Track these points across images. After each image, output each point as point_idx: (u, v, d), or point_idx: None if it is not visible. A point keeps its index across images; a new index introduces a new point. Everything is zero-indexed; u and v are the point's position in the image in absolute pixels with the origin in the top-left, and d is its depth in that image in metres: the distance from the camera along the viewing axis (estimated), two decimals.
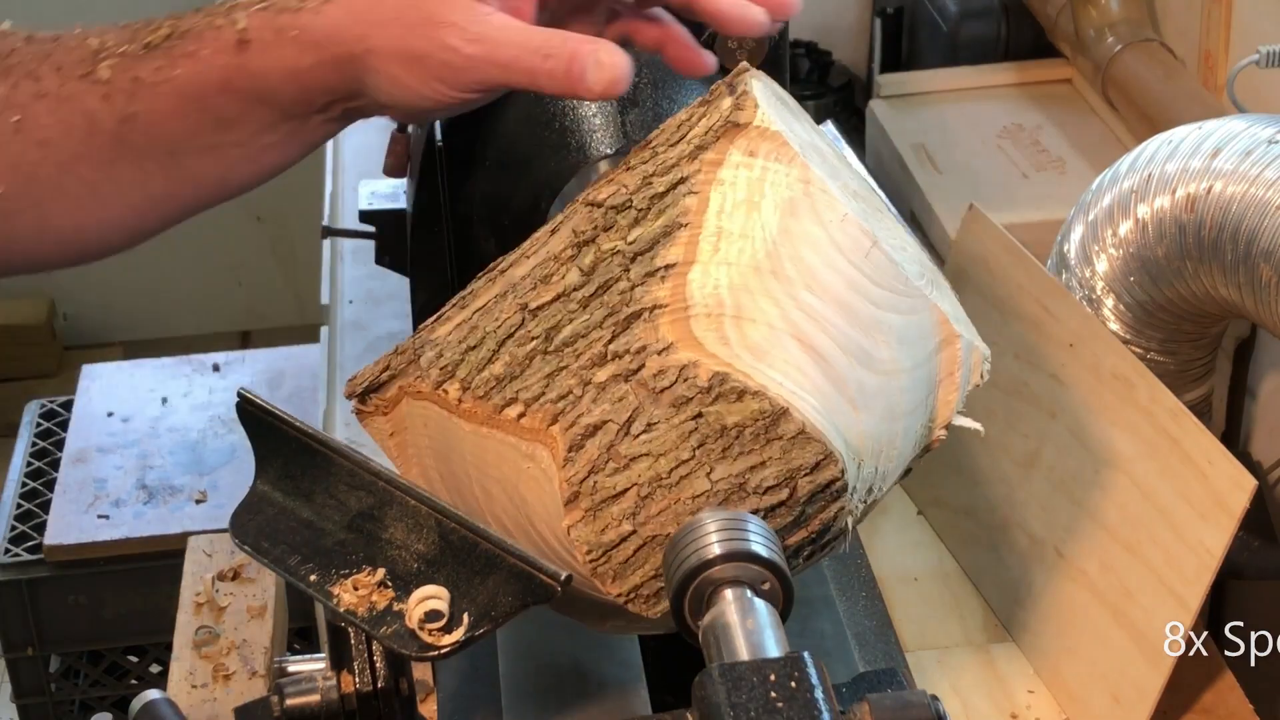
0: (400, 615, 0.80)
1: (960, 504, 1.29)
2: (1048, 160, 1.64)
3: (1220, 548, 1.06)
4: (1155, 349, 1.25)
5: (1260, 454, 1.42)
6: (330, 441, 0.86)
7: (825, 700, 0.72)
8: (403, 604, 0.80)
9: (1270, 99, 1.39)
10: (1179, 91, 1.54)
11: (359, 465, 0.85)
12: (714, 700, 0.72)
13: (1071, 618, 1.17)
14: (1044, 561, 1.19)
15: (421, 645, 0.79)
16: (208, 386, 2.30)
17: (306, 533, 0.85)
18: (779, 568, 0.79)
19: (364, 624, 0.80)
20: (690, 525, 0.81)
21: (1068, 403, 1.18)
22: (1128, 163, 1.24)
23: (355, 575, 0.81)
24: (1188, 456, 1.09)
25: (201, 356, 2.36)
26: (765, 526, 0.81)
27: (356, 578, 0.81)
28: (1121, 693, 1.12)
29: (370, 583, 0.81)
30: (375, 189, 1.39)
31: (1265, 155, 1.14)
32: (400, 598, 0.80)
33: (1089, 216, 1.25)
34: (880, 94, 1.78)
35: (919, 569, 1.29)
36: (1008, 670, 1.20)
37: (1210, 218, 1.16)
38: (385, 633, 0.80)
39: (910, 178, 1.62)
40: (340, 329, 1.62)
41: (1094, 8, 1.64)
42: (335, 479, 0.85)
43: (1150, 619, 1.10)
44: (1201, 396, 1.29)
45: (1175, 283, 1.21)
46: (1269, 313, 1.14)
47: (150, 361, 2.37)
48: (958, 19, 1.80)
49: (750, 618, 0.77)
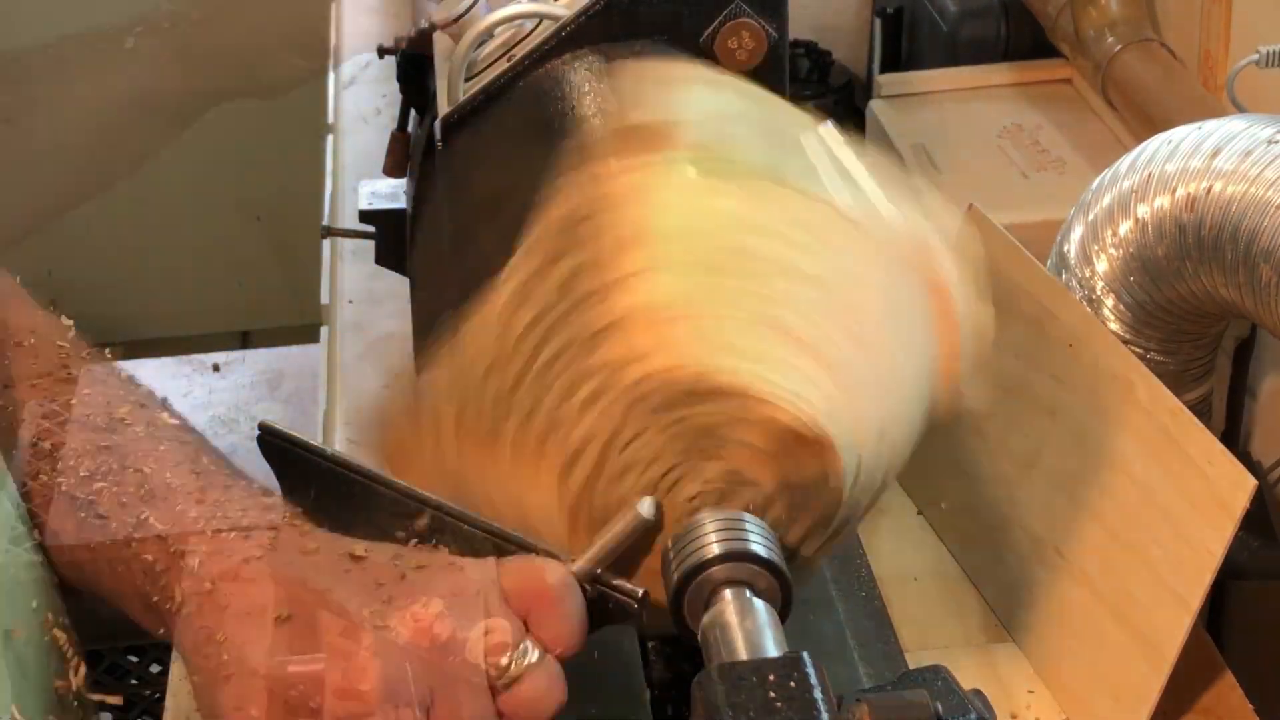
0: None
1: (960, 504, 1.29)
2: (1048, 160, 1.64)
3: (1220, 547, 1.06)
4: (1155, 349, 1.25)
5: (1260, 454, 1.42)
6: (368, 470, 0.84)
7: (824, 700, 0.72)
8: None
9: (1270, 99, 1.38)
10: (1179, 91, 1.54)
11: (404, 494, 0.83)
12: (713, 700, 0.72)
13: (1071, 618, 1.17)
14: (1044, 561, 1.19)
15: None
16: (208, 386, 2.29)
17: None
18: (778, 567, 0.79)
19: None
20: (689, 525, 0.81)
21: (1068, 403, 1.18)
22: (1128, 163, 1.24)
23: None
24: (1188, 456, 1.09)
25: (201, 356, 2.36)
26: (764, 526, 0.81)
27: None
28: (1121, 693, 1.12)
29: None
30: (375, 189, 1.39)
31: (1265, 155, 1.14)
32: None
33: (1089, 216, 1.25)
34: (880, 94, 1.78)
35: (919, 569, 1.29)
36: (1008, 670, 1.20)
37: (1210, 218, 1.16)
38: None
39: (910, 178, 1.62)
40: (340, 329, 1.62)
41: (1094, 8, 1.64)
42: (377, 508, 0.83)
43: (1150, 619, 1.10)
44: (1201, 396, 1.29)
45: (1175, 283, 1.21)
46: (1269, 313, 1.14)
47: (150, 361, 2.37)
48: (958, 19, 1.80)
49: (749, 618, 0.77)
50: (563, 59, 1.08)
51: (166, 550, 0.79)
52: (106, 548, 0.82)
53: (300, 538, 0.80)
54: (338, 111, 2.00)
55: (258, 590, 0.77)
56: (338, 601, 0.76)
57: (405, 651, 0.74)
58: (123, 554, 0.81)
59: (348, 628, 0.75)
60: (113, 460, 0.84)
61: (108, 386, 0.90)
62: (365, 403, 1.49)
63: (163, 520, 0.80)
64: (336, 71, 2.09)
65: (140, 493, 0.82)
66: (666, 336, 0.81)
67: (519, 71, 1.08)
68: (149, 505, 0.81)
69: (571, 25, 1.08)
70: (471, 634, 0.76)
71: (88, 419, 0.87)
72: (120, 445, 0.85)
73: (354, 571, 0.77)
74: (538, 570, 0.79)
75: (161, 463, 0.84)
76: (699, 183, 0.83)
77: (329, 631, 0.75)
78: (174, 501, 0.81)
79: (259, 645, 0.76)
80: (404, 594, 0.76)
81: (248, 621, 0.76)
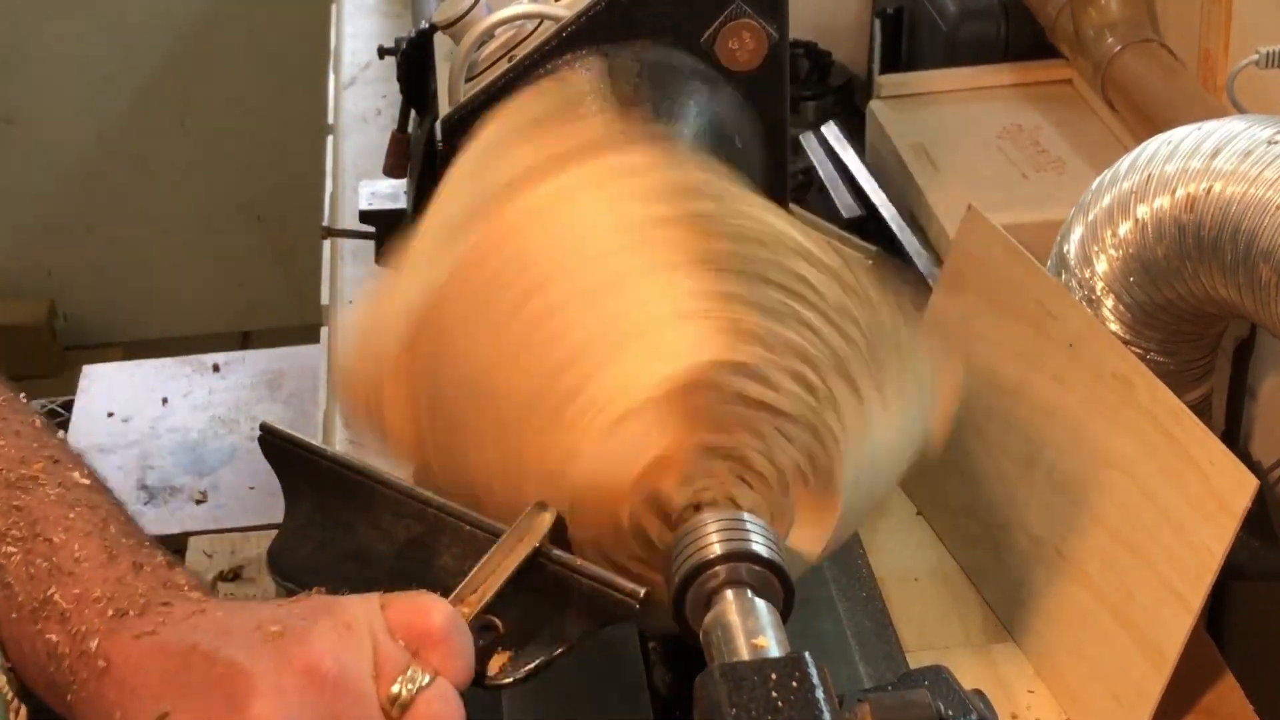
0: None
1: (960, 504, 1.29)
2: (1047, 160, 1.64)
3: (1222, 547, 1.06)
4: (1155, 349, 1.25)
5: (1260, 454, 1.42)
6: (370, 470, 0.84)
7: (826, 700, 0.72)
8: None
9: (1270, 99, 1.38)
10: (1179, 91, 1.54)
11: (405, 494, 0.83)
12: (715, 700, 0.72)
13: (1072, 618, 1.17)
14: (1044, 561, 1.19)
15: (484, 676, 0.78)
16: (208, 386, 2.30)
17: (354, 565, 0.83)
18: (779, 568, 0.79)
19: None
20: (690, 525, 0.81)
21: (1068, 403, 1.18)
22: (1127, 163, 1.24)
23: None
24: (1189, 456, 1.09)
25: (201, 356, 2.36)
26: (766, 526, 0.81)
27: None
28: (1122, 693, 1.12)
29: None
30: (375, 189, 1.39)
31: (1265, 155, 1.14)
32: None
33: (1088, 217, 1.25)
34: (880, 94, 1.78)
35: (919, 569, 1.29)
36: (1008, 670, 1.20)
37: (1210, 218, 1.16)
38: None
39: (910, 178, 1.62)
40: (340, 329, 1.62)
41: (1094, 8, 1.64)
42: (379, 508, 0.83)
43: (1151, 619, 1.10)
44: (1201, 396, 1.29)
45: (1175, 283, 1.21)
46: (1269, 313, 1.14)
47: (150, 362, 2.38)
48: (958, 19, 1.80)
49: (751, 618, 0.77)
50: (563, 59, 1.08)
51: (68, 631, 0.80)
52: (10, 623, 0.82)
53: (191, 608, 0.80)
54: (338, 111, 2.00)
55: (151, 663, 0.77)
56: (226, 658, 0.76)
57: (299, 690, 0.75)
58: (27, 631, 0.81)
59: (240, 675, 0.75)
60: (23, 523, 0.84)
61: (21, 439, 0.89)
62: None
63: (67, 599, 0.80)
64: (337, 71, 2.09)
65: (48, 565, 0.82)
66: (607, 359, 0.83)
67: (520, 72, 1.08)
68: (56, 581, 0.81)
69: (572, 26, 1.08)
70: (360, 666, 0.76)
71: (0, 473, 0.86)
72: (30, 507, 0.85)
73: (239, 628, 0.77)
74: (422, 608, 0.79)
75: (71, 533, 0.84)
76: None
77: (224, 680, 0.75)
78: (81, 577, 0.81)
79: (152, 712, 0.76)
80: (291, 639, 0.77)
81: (143, 693, 0.77)
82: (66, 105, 3.40)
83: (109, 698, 0.77)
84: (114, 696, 0.77)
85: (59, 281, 3.50)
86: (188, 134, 3.45)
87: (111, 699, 0.77)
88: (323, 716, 0.75)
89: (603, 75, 1.06)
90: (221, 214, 3.52)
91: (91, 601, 0.80)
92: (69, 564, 0.82)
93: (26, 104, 3.39)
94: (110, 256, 3.50)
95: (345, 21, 2.19)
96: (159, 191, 3.48)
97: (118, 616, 0.79)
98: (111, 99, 3.41)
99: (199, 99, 3.42)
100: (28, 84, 3.37)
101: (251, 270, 3.55)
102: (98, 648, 0.78)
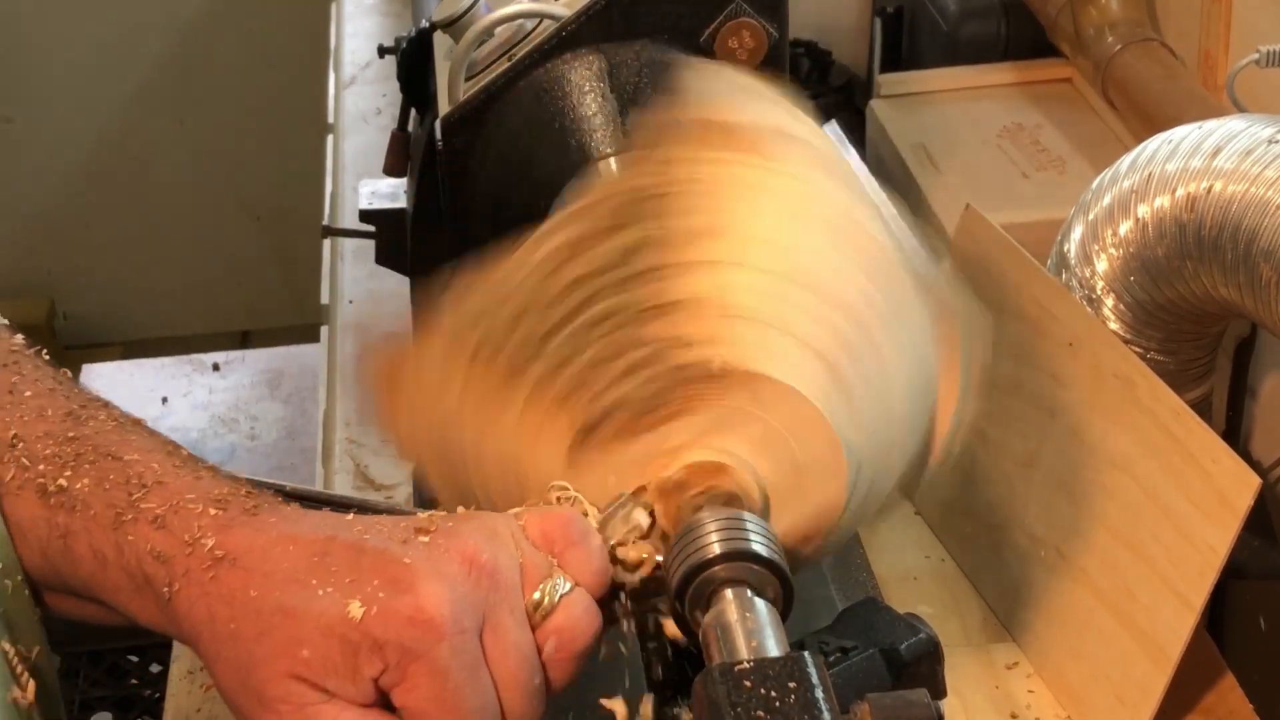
0: None
1: (960, 504, 1.29)
2: (1048, 160, 1.64)
3: (1224, 547, 1.06)
4: (1155, 349, 1.25)
5: (1260, 453, 1.42)
6: (339, 498, 0.85)
7: (825, 700, 0.72)
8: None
9: (1270, 99, 1.39)
10: (1179, 91, 1.54)
11: (388, 512, 0.83)
12: (715, 700, 0.72)
13: (1073, 618, 1.17)
14: (1044, 561, 1.19)
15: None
16: (208, 386, 2.30)
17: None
18: (779, 567, 0.79)
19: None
20: (690, 525, 0.81)
21: (1068, 403, 1.18)
22: (1128, 162, 1.24)
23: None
24: (1190, 455, 1.09)
25: (201, 356, 2.36)
26: (765, 526, 0.81)
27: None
28: (1124, 693, 1.12)
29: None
30: (375, 189, 1.39)
31: (1265, 155, 1.14)
32: None
33: (1089, 216, 1.25)
34: (880, 94, 1.78)
35: (919, 569, 1.29)
36: (1008, 670, 1.20)
37: (1210, 217, 1.16)
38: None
39: (910, 178, 1.62)
40: (340, 329, 1.62)
41: (1094, 7, 1.64)
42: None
43: (1153, 619, 1.10)
44: (1201, 396, 1.29)
45: (1175, 282, 1.21)
46: (1269, 312, 1.14)
47: (150, 361, 2.37)
48: (958, 19, 1.80)
49: (750, 617, 0.77)
50: (563, 59, 1.08)
51: (168, 533, 0.78)
52: (90, 538, 0.80)
53: (303, 510, 0.80)
54: (338, 111, 2.00)
55: (282, 551, 0.76)
56: (376, 548, 0.75)
57: (460, 578, 0.75)
58: (109, 539, 0.80)
59: (396, 562, 0.75)
60: (86, 448, 0.83)
61: (58, 383, 0.89)
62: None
63: (161, 506, 0.79)
64: (337, 71, 2.09)
65: (122, 480, 0.81)
66: (725, 332, 0.82)
67: (519, 71, 1.08)
68: (139, 491, 0.80)
69: (572, 25, 1.08)
70: (511, 564, 0.77)
71: (43, 412, 0.85)
72: (87, 436, 0.84)
73: (378, 526, 0.77)
74: (558, 514, 0.81)
75: (140, 450, 0.82)
76: (794, 201, 0.84)
77: (377, 567, 0.75)
78: (167, 486, 0.80)
79: (300, 591, 0.74)
80: (441, 534, 0.77)
81: (278, 576, 0.75)
82: (66, 105, 3.40)
83: (232, 582, 0.76)
84: (241, 579, 0.76)
85: (59, 281, 3.50)
86: (187, 133, 3.45)
87: (237, 583, 0.76)
88: (483, 605, 0.75)
89: (604, 75, 1.06)
90: (221, 213, 3.52)
91: (187, 505, 0.79)
92: (149, 477, 0.81)
93: (26, 103, 3.39)
94: (110, 256, 3.50)
95: (345, 21, 2.19)
96: (158, 191, 3.48)
97: (226, 515, 0.78)
98: (111, 98, 3.41)
99: (198, 99, 3.42)
100: (27, 83, 3.37)
101: (251, 270, 3.55)
102: (215, 542, 0.77)
